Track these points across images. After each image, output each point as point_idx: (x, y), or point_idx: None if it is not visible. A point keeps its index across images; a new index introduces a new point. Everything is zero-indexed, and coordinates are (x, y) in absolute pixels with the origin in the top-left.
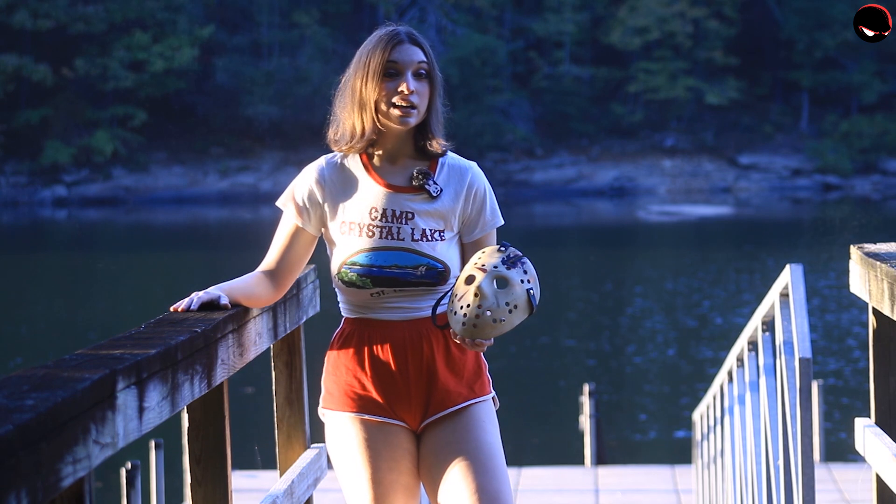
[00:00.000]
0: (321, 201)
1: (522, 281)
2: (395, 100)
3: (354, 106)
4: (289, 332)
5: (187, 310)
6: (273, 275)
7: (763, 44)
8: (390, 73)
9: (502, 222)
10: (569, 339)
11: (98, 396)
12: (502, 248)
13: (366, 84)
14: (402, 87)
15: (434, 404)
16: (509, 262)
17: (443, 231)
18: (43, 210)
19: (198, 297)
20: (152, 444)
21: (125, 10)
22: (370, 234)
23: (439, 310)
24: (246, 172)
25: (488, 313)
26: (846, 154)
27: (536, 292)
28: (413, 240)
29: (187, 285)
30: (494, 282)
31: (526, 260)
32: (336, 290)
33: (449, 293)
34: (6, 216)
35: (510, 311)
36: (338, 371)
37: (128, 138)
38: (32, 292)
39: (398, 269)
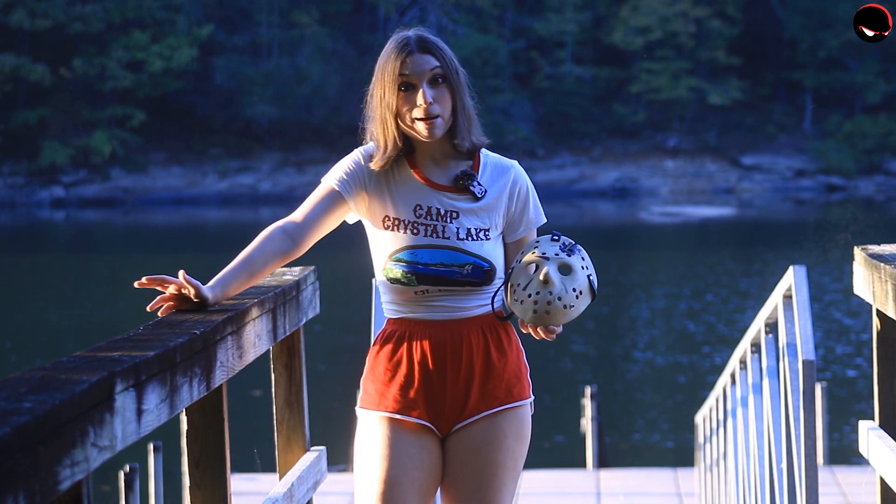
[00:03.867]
0: (365, 180)
1: (583, 267)
2: (415, 113)
3: (379, 121)
4: (288, 333)
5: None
6: (292, 230)
7: (766, 44)
8: (405, 87)
9: (545, 220)
10: (570, 341)
11: (96, 399)
12: (556, 237)
13: (384, 98)
14: (420, 101)
15: (469, 408)
16: (567, 250)
17: (488, 230)
18: (41, 211)
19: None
20: (151, 446)
21: (123, 9)
22: (415, 231)
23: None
24: (245, 173)
25: (559, 300)
26: (850, 155)
27: (595, 278)
28: (459, 238)
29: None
30: (559, 268)
31: (580, 247)
32: (380, 288)
33: (503, 286)
34: (4, 217)
35: (577, 297)
36: (375, 370)
37: (126, 139)
38: (30, 294)
39: (444, 266)
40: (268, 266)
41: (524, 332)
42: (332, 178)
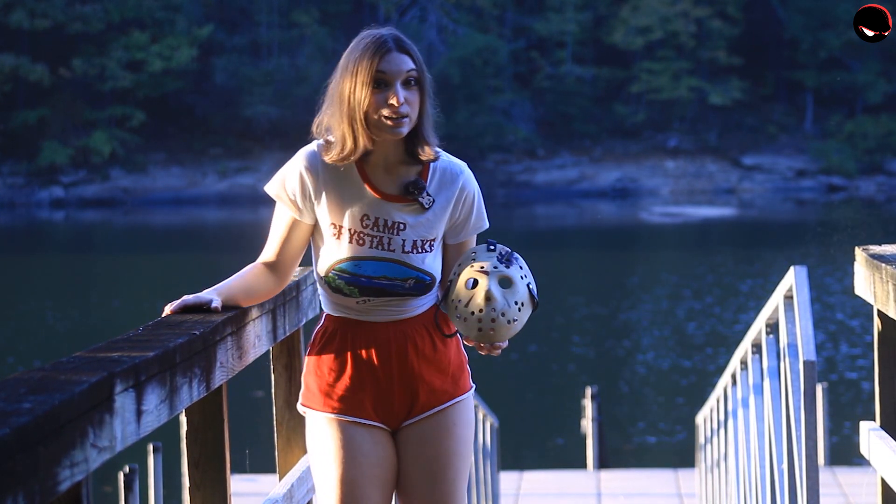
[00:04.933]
0: (312, 192)
1: (522, 277)
2: (384, 111)
3: (344, 116)
4: (288, 334)
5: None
6: (274, 267)
7: (767, 43)
8: (379, 84)
9: (487, 226)
10: (571, 342)
11: (96, 399)
12: (492, 247)
13: (354, 93)
14: (392, 100)
15: (419, 405)
16: (504, 260)
17: (433, 241)
18: (40, 211)
19: (185, 299)
20: (150, 447)
21: (123, 9)
22: (360, 241)
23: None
24: (245, 173)
25: (502, 315)
26: (851, 155)
27: (534, 286)
28: (403, 251)
29: (185, 287)
30: (500, 282)
31: (517, 255)
32: (319, 287)
33: (443, 302)
34: (3, 217)
35: (519, 310)
36: (319, 369)
37: (126, 139)
38: (29, 294)
39: (387, 280)
40: (259, 299)
41: (468, 345)
42: (286, 204)
